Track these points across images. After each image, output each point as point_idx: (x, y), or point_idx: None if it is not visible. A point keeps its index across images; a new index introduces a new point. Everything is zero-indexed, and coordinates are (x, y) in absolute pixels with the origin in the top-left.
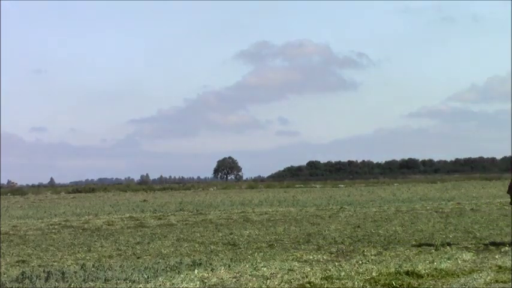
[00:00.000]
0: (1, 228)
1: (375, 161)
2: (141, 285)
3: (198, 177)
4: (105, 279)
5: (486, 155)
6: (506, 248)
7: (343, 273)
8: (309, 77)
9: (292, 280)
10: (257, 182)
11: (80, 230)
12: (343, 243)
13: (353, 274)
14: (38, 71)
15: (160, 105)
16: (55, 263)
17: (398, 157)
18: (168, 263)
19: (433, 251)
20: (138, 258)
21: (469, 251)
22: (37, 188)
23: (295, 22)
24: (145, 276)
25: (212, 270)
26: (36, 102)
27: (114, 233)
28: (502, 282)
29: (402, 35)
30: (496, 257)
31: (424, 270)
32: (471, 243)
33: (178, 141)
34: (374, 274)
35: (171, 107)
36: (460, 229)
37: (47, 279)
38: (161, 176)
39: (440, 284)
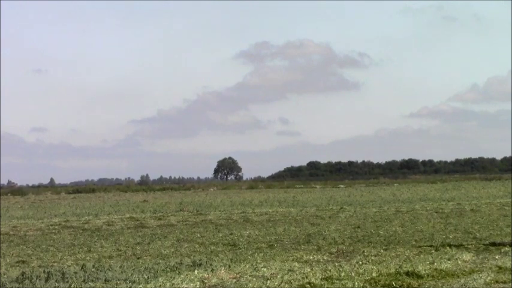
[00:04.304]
0: (1, 229)
1: (375, 162)
2: (141, 286)
3: (198, 178)
4: (105, 280)
5: (486, 155)
6: (506, 248)
7: (343, 274)
8: (309, 77)
9: (292, 280)
10: (257, 183)
11: (80, 231)
12: (343, 243)
13: (353, 274)
14: (38, 71)
15: (161, 105)
16: (55, 264)
17: (398, 157)
18: (168, 263)
19: (433, 251)
20: (138, 258)
21: (469, 252)
22: (37, 189)
23: (295, 22)
24: (146, 277)
25: (212, 270)
26: (36, 102)
27: (114, 234)
28: (502, 282)
29: (403, 35)
30: (496, 257)
31: (424, 270)
32: (471, 244)
33: (178, 141)
34: (374, 274)
35: (171, 107)
36: (460, 229)
37: (47, 280)
38: (161, 177)
39: (440, 285)
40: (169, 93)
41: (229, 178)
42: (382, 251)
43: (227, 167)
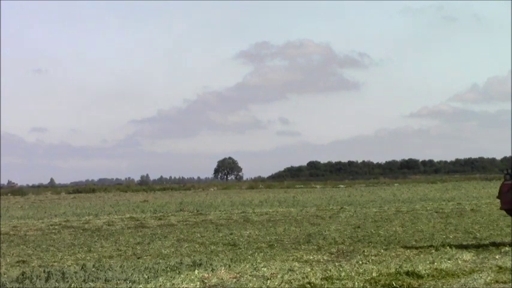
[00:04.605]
0: (1, 229)
1: (375, 161)
2: (141, 286)
3: (198, 178)
4: (105, 280)
5: (486, 155)
6: (507, 248)
7: (343, 274)
8: (309, 77)
9: (292, 280)
10: (257, 182)
11: (80, 230)
12: (344, 243)
13: (353, 274)
14: (38, 71)
15: (161, 105)
16: (55, 263)
17: (398, 157)
18: (168, 263)
19: (434, 251)
20: (139, 258)
21: (469, 251)
22: (37, 189)
23: (295, 22)
24: (146, 277)
25: (212, 270)
26: (36, 102)
27: (115, 234)
28: (502, 282)
29: (403, 35)
30: (496, 257)
31: (425, 270)
32: (471, 244)
33: (179, 141)
34: (374, 274)
35: (171, 108)
36: (460, 229)
37: (47, 280)
38: (161, 177)
39: (440, 284)
40: (169, 93)
41: (229, 178)
42: (382, 250)
43: (227, 167)
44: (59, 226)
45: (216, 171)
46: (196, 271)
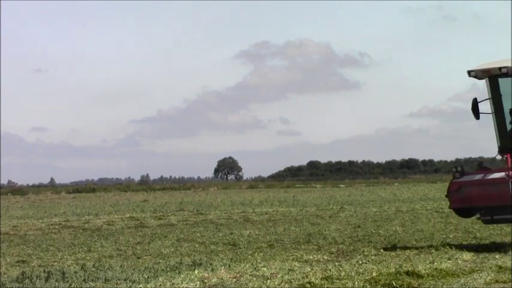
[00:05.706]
0: (1, 228)
1: (375, 161)
2: (141, 285)
3: (198, 177)
4: (105, 279)
5: (486, 154)
6: (507, 248)
7: (343, 273)
8: (309, 76)
9: (292, 280)
10: (257, 182)
11: (80, 230)
12: (344, 243)
13: (353, 274)
14: (38, 70)
15: (161, 105)
16: (55, 263)
17: (398, 157)
18: (168, 263)
19: (433, 251)
20: (138, 258)
21: (469, 251)
22: (37, 188)
23: (295, 22)
24: (146, 277)
25: (212, 270)
26: (36, 102)
27: (115, 233)
28: (502, 282)
29: (403, 34)
30: (496, 257)
31: (424, 270)
32: (471, 243)
33: (179, 141)
34: (374, 274)
35: (171, 107)
36: (460, 229)
37: (47, 279)
38: (161, 176)
39: (440, 284)
40: (169, 93)
41: (229, 178)
42: (382, 250)
43: (227, 167)
44: (59, 226)
45: (216, 171)
46: (196, 271)
